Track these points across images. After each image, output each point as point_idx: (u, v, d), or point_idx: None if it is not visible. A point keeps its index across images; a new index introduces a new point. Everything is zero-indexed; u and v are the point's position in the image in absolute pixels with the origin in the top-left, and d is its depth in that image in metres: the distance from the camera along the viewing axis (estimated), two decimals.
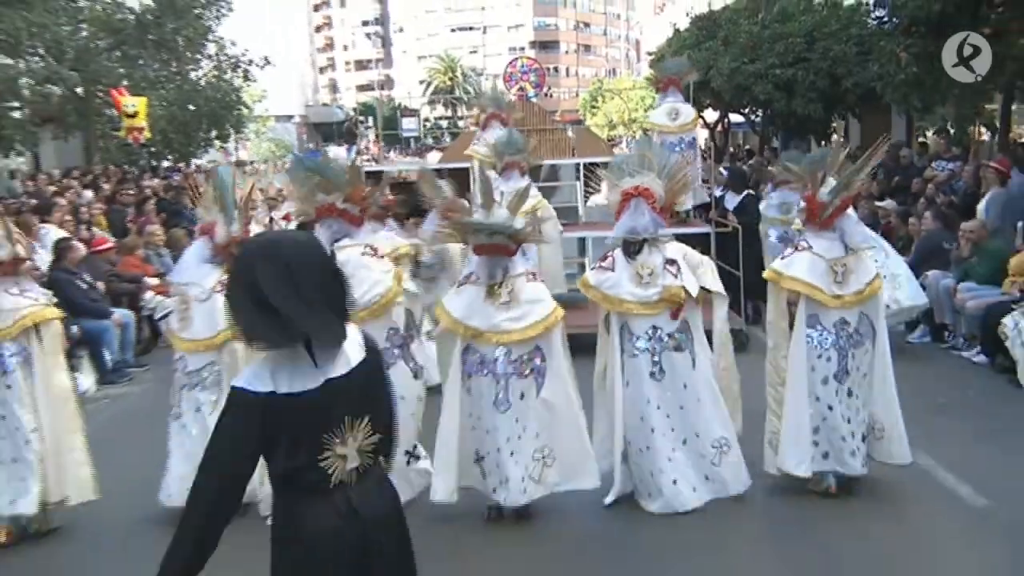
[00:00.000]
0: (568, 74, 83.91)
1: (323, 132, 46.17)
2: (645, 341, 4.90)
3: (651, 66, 26.24)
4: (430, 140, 33.38)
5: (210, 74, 25.47)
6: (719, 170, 10.14)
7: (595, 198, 9.12)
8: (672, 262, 4.91)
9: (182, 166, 24.28)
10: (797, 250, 4.95)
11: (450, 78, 67.63)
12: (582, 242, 9.88)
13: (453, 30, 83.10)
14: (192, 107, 24.04)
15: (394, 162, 15.02)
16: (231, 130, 27.16)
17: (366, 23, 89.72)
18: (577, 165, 9.92)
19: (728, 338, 5.23)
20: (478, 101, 10.26)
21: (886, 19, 13.39)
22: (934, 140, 16.37)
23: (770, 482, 5.11)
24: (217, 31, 24.77)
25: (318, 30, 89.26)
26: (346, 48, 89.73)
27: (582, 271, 8.20)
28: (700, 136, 19.55)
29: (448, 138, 31.65)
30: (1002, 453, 5.67)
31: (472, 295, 4.78)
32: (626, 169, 5.02)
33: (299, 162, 4.88)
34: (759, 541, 4.78)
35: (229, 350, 4.91)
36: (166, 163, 25.01)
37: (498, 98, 10.03)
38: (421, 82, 69.83)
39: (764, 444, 5.08)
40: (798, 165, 5.21)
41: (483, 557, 4.60)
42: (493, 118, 9.26)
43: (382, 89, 75.36)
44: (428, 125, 45.61)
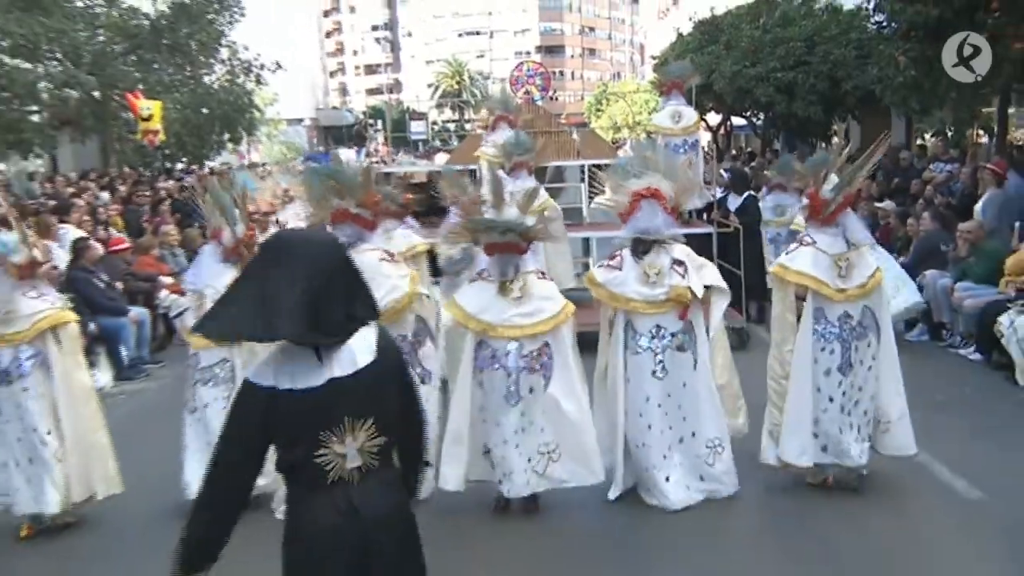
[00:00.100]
0: (573, 78, 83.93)
1: (333, 135, 46.30)
2: (648, 339, 4.91)
3: (655, 70, 26.23)
4: (438, 143, 33.39)
5: (223, 78, 25.56)
6: (719, 171, 10.14)
7: (599, 199, 9.14)
8: (679, 263, 4.92)
9: (196, 168, 24.35)
10: (802, 245, 4.96)
11: (457, 82, 67.60)
12: (586, 242, 9.91)
13: (460, 35, 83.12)
14: (205, 110, 24.11)
15: (399, 163, 15.07)
16: (243, 133, 27.20)
17: (375, 28, 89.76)
18: (582, 167, 9.92)
19: (724, 334, 5.24)
20: (487, 103, 10.31)
21: (885, 24, 13.36)
22: (932, 143, 16.32)
23: (769, 476, 5.12)
24: (230, 36, 24.87)
25: (328, 35, 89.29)
26: (356, 53, 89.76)
27: (586, 270, 8.23)
28: (703, 138, 19.57)
29: (455, 140, 31.74)
30: (998, 449, 5.69)
31: (484, 291, 4.81)
32: (631, 170, 5.02)
33: (313, 169, 4.89)
34: (759, 534, 4.80)
35: (242, 347, 4.95)
36: (180, 165, 25.08)
37: (506, 100, 10.09)
38: (429, 86, 69.83)
39: (763, 435, 5.08)
40: (791, 169, 5.24)
41: (488, 547, 4.62)
42: (501, 120, 9.32)
43: (391, 93, 75.38)
44: (436, 128, 45.69)
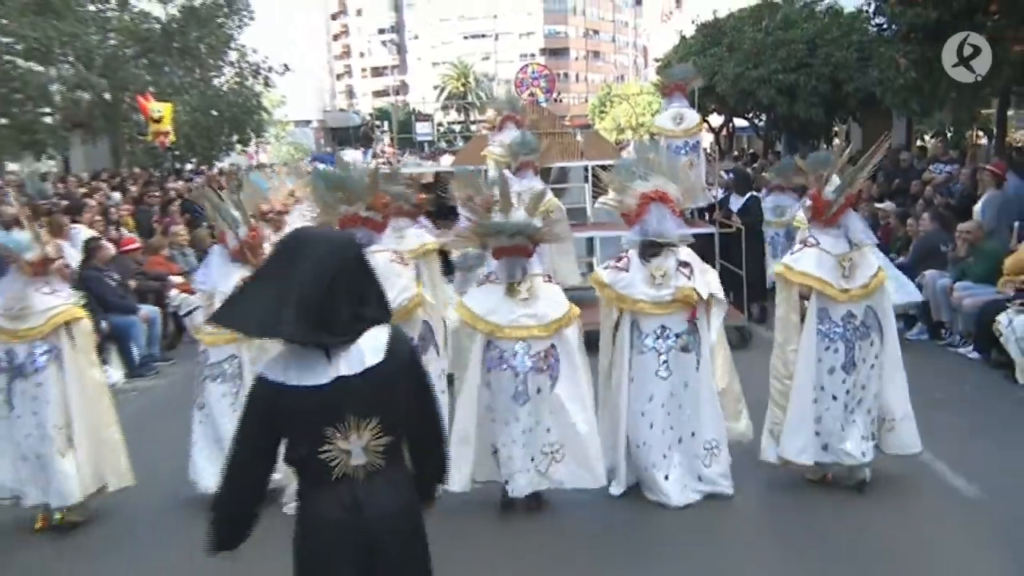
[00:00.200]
0: (577, 80, 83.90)
1: (340, 136, 46.40)
2: (653, 339, 4.90)
3: (658, 72, 26.23)
4: (443, 144, 33.47)
5: (232, 80, 25.68)
6: (720, 172, 10.13)
7: (603, 199, 9.14)
8: (685, 264, 4.91)
9: (205, 169, 24.41)
10: (806, 246, 4.95)
11: (463, 84, 67.64)
12: (590, 241, 9.92)
13: (466, 37, 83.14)
14: (215, 112, 24.22)
15: (404, 164, 15.07)
16: (252, 134, 27.31)
17: (382, 31, 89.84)
18: (586, 167, 9.93)
19: (724, 339, 5.22)
20: (494, 104, 10.32)
21: (885, 26, 13.34)
22: (933, 144, 16.29)
23: (770, 474, 5.11)
24: (239, 39, 24.97)
25: (336, 38, 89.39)
26: (363, 55, 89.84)
27: (590, 270, 8.23)
28: (705, 140, 19.56)
29: (461, 142, 31.77)
30: (997, 446, 5.68)
31: (492, 293, 4.80)
32: (637, 171, 5.01)
33: (320, 174, 4.89)
34: (759, 531, 4.78)
35: (249, 343, 4.97)
36: (190, 166, 25.17)
37: (513, 101, 10.11)
38: (435, 88, 69.88)
39: (763, 434, 5.06)
40: (791, 171, 5.22)
41: (491, 544, 4.60)
42: (508, 120, 9.33)
43: (397, 95, 75.48)
44: (441, 129, 45.76)
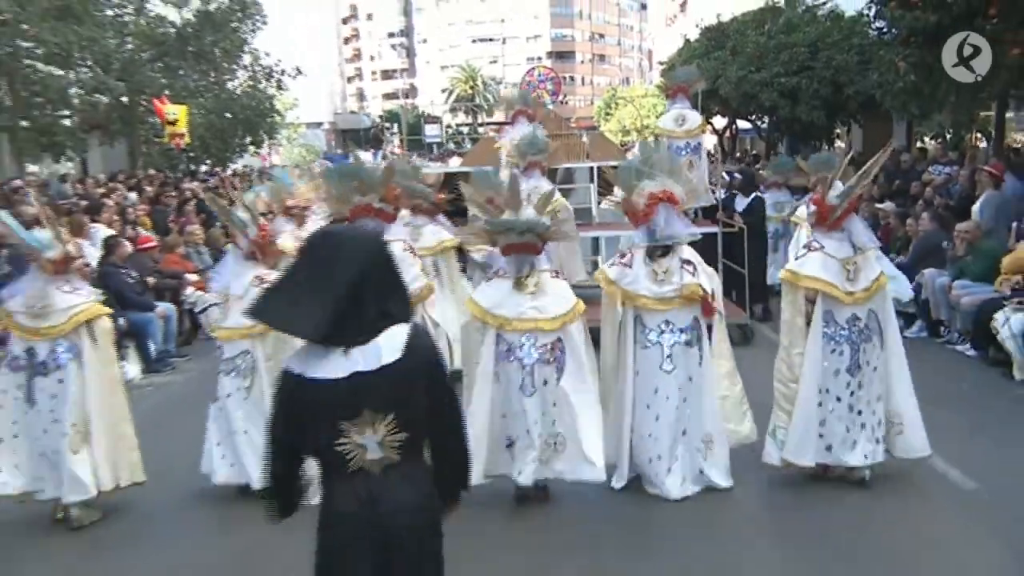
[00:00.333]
0: (583, 83, 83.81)
1: (351, 138, 46.48)
2: (658, 334, 4.93)
3: (662, 75, 26.20)
4: (452, 145, 33.50)
5: (245, 84, 25.75)
6: (722, 173, 10.15)
7: (608, 200, 9.16)
8: (688, 262, 4.94)
9: (219, 170, 24.50)
10: (810, 251, 4.95)
11: (471, 87, 67.64)
12: (596, 241, 9.94)
13: (474, 41, 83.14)
14: (229, 115, 24.29)
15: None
16: (265, 136, 27.38)
17: (392, 35, 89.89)
18: (591, 168, 9.96)
19: (727, 343, 5.24)
20: (507, 98, 10.39)
21: (885, 30, 13.28)
22: (933, 146, 16.25)
23: (770, 470, 5.11)
24: (252, 43, 25.04)
25: (346, 42, 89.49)
26: (373, 59, 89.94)
27: (595, 268, 8.24)
28: (709, 141, 19.52)
29: (469, 143, 31.80)
30: (994, 443, 5.70)
31: (501, 288, 4.84)
32: (644, 170, 5.02)
33: (336, 168, 4.96)
34: (759, 526, 4.77)
35: (263, 339, 5.03)
36: (204, 167, 25.24)
37: (525, 96, 10.17)
38: (443, 91, 69.90)
39: (767, 436, 5.04)
40: (787, 168, 5.22)
41: (493, 538, 4.58)
42: (520, 114, 9.41)
43: (406, 97, 75.55)
44: (450, 131, 45.77)
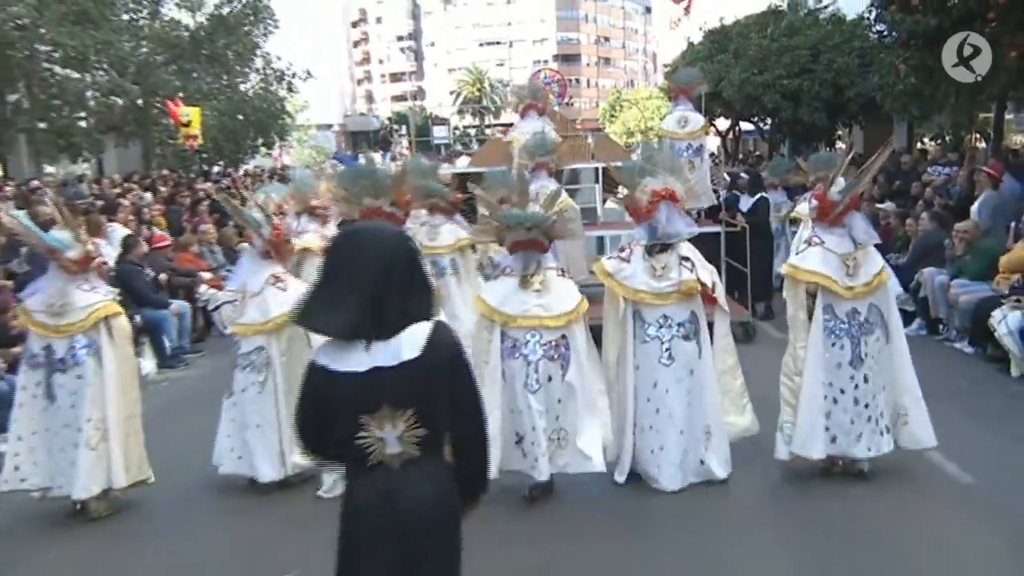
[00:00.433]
0: (589, 85, 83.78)
1: (360, 139, 46.48)
2: (656, 329, 4.96)
3: (666, 77, 26.18)
4: (459, 146, 33.49)
5: (257, 86, 25.87)
6: (723, 174, 10.18)
7: (613, 200, 9.21)
8: (686, 258, 4.98)
9: (231, 171, 24.61)
10: (811, 246, 4.98)
11: (478, 89, 67.65)
12: (600, 240, 9.97)
13: (481, 44, 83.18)
14: (241, 116, 24.40)
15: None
16: (276, 138, 27.49)
17: (400, 38, 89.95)
18: (596, 169, 9.98)
19: (730, 339, 5.27)
20: (517, 92, 10.39)
21: (886, 33, 13.28)
22: (933, 147, 16.22)
23: (768, 462, 5.12)
24: (264, 46, 25.15)
25: (356, 45, 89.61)
26: (382, 61, 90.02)
27: None
28: (712, 143, 19.50)
29: (476, 144, 31.83)
30: (992, 437, 5.72)
31: (507, 285, 4.87)
32: (647, 168, 5.05)
33: (348, 170, 4.99)
34: (758, 517, 4.78)
35: (278, 336, 5.09)
36: (217, 168, 25.34)
37: (535, 90, 10.12)
38: (451, 93, 69.96)
39: (776, 432, 5.03)
40: (783, 170, 5.24)
41: (496, 533, 4.54)
42: (531, 108, 9.39)
43: (415, 99, 75.60)
44: (457, 133, 45.71)
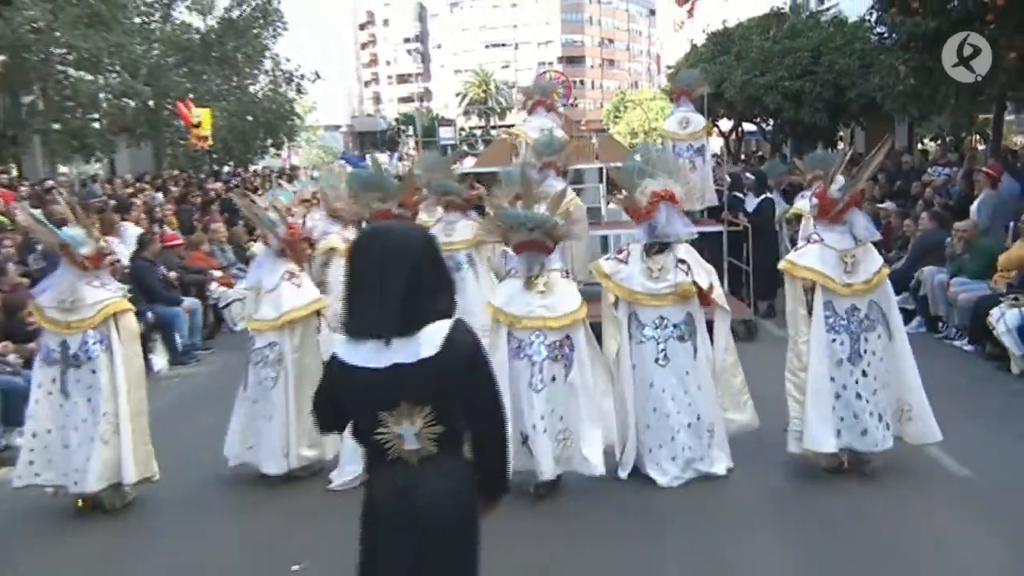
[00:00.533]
0: (593, 87, 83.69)
1: (367, 140, 46.59)
2: (652, 329, 4.98)
3: (669, 79, 26.14)
4: (465, 147, 33.51)
5: (266, 87, 25.94)
6: (725, 174, 10.21)
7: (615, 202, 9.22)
8: (683, 261, 5.00)
9: (241, 171, 24.69)
10: (810, 243, 4.99)
11: (484, 91, 67.67)
12: (604, 239, 9.99)
13: (487, 46, 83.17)
14: (250, 117, 24.45)
15: None
16: (285, 138, 27.57)
17: (407, 40, 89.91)
18: (600, 169, 10.01)
19: (731, 343, 5.28)
20: (525, 89, 10.45)
21: (886, 35, 13.25)
22: (934, 148, 16.20)
23: (768, 455, 5.16)
24: (273, 48, 25.22)
25: (363, 47, 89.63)
26: (389, 63, 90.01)
27: None
28: (716, 143, 19.45)
29: (482, 145, 31.86)
30: (991, 434, 5.73)
31: (512, 287, 4.91)
32: (647, 169, 5.07)
33: (357, 175, 5.03)
34: (760, 514, 4.77)
35: (291, 331, 5.15)
36: (227, 168, 25.43)
37: (543, 86, 10.17)
38: (457, 94, 70.01)
39: (788, 432, 5.02)
40: (780, 171, 5.25)
41: (498, 528, 4.62)
42: (539, 104, 9.45)
43: (421, 101, 75.57)
44: (463, 134, 45.79)
